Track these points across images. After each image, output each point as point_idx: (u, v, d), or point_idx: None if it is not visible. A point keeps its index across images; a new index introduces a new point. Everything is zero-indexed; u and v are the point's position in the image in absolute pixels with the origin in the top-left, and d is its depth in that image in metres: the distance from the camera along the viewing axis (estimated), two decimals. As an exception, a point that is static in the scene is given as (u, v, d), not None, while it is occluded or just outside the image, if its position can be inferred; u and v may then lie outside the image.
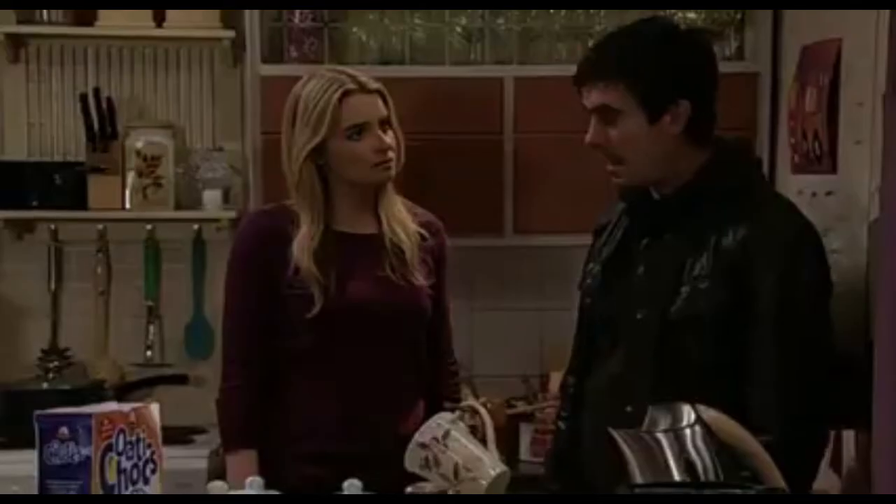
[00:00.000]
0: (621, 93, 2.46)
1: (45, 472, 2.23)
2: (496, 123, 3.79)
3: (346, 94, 2.84)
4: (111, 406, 2.35)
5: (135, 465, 2.31)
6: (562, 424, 2.72)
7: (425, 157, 3.73)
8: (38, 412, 2.28)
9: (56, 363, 3.96)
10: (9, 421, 3.63)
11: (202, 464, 3.60)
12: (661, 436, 2.18)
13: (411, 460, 2.35)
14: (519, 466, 3.70)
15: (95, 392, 3.82)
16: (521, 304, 4.09)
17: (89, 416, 2.25)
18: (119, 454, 2.28)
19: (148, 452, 2.35)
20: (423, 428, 2.36)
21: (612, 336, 2.60)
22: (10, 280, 4.05)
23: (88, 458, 2.23)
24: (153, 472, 2.34)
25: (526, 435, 3.77)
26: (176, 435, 3.79)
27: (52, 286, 4.04)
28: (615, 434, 2.18)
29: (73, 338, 4.03)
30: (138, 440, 2.32)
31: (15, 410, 3.55)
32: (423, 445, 2.35)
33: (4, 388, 3.83)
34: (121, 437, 2.29)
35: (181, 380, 4.00)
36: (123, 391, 3.92)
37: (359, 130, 2.84)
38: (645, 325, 2.51)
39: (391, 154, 2.87)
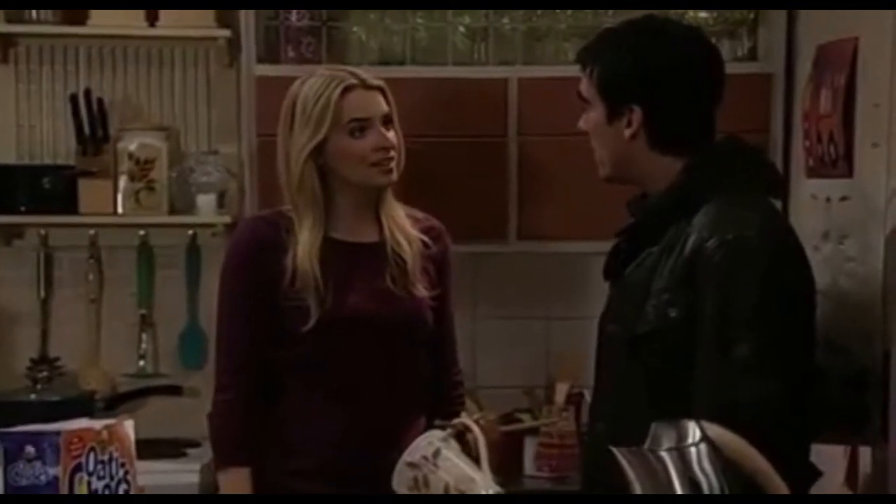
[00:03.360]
0: (589, 84, 2.50)
1: (11, 493, 2.12)
2: (500, 125, 3.69)
3: (347, 89, 2.77)
4: (81, 423, 2.23)
5: (107, 486, 2.21)
6: (586, 438, 2.69)
7: (427, 160, 3.64)
8: (1, 430, 2.17)
9: (45, 373, 3.85)
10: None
11: (194, 478, 3.49)
12: (664, 454, 2.10)
13: (399, 481, 2.23)
14: (523, 482, 3.62)
15: (86, 403, 3.73)
16: (525, 313, 3.99)
17: (57, 433, 2.14)
18: (90, 474, 2.17)
19: (121, 472, 2.24)
20: (412, 446, 2.24)
21: (598, 350, 2.56)
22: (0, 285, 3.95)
23: (56, 478, 2.12)
24: (127, 492, 2.23)
25: (530, 449, 3.68)
26: (168, 448, 3.71)
27: (42, 293, 3.94)
28: (616, 452, 2.10)
29: (63, 347, 3.93)
30: (111, 459, 2.22)
31: (2, 422, 3.44)
32: (412, 465, 2.24)
33: (-10, 398, 3.74)
34: (91, 455, 2.18)
35: (175, 391, 3.89)
36: (115, 402, 3.82)
37: (361, 127, 2.76)
38: (613, 340, 2.46)
39: (393, 153, 2.77)
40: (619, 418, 2.37)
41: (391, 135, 2.78)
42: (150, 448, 3.48)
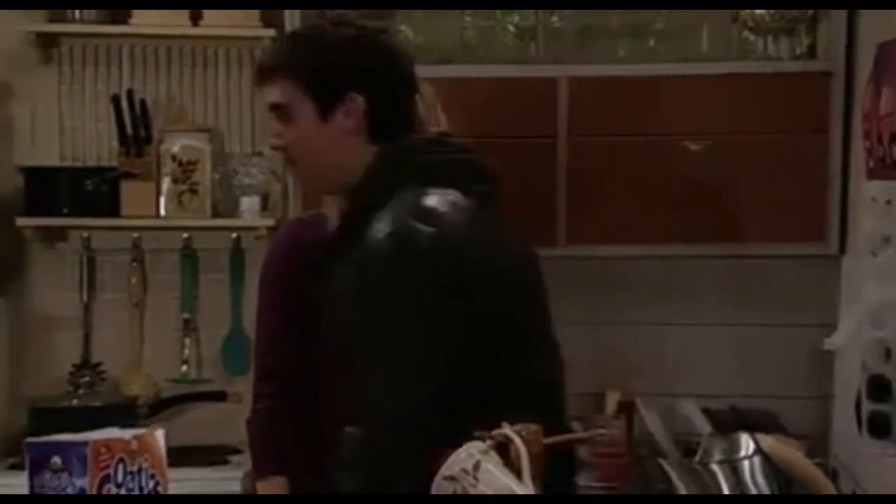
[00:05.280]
0: (292, 89, 2.37)
1: (37, 505, 2.06)
2: (550, 126, 3.61)
3: None
4: (111, 432, 2.16)
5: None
6: None
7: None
8: (27, 439, 2.11)
9: (88, 378, 3.82)
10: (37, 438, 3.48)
11: (236, 486, 3.43)
12: (715, 467, 2.03)
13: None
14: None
15: (129, 409, 3.70)
16: (575, 318, 3.85)
17: (85, 443, 2.07)
18: (118, 486, 2.09)
19: (151, 483, 2.16)
20: (450, 459, 2.14)
21: None
22: (41, 291, 3.92)
23: (83, 490, 2.05)
24: (157, 504, 2.15)
25: (580, 457, 3.57)
26: (211, 455, 3.65)
27: (85, 297, 3.90)
28: (665, 464, 2.03)
29: (105, 351, 3.89)
30: (140, 470, 2.14)
31: (43, 428, 3.38)
32: (450, 478, 2.14)
33: (33, 404, 3.70)
34: (120, 466, 2.10)
35: (218, 396, 3.84)
36: (158, 408, 3.77)
37: None
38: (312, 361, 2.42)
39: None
40: None
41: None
42: (192, 455, 3.46)
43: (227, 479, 3.47)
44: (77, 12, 3.77)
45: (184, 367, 3.91)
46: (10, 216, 3.78)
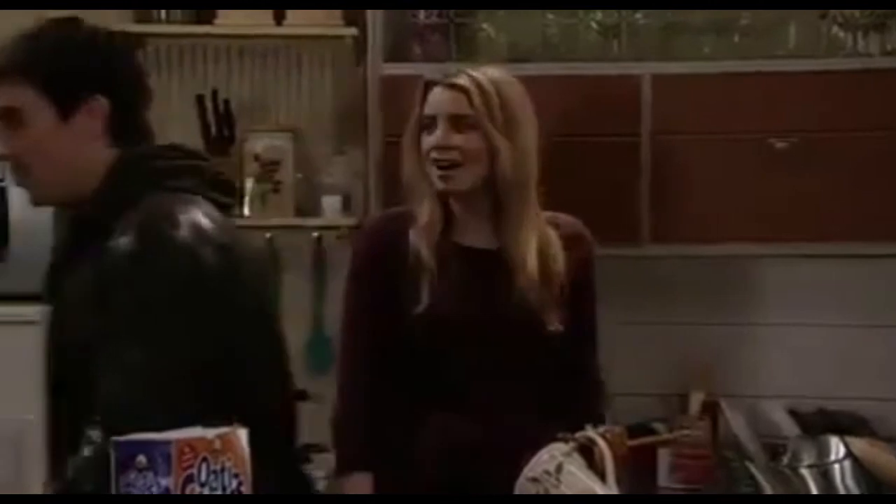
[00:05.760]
0: (28, 91, 2.24)
1: (124, 504, 2.07)
2: (633, 124, 3.59)
3: (428, 85, 2.69)
4: (194, 431, 2.16)
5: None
6: None
7: (556, 161, 3.55)
8: (113, 438, 2.12)
9: (171, 376, 3.83)
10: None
11: (319, 485, 3.43)
12: (804, 471, 2.00)
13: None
14: (656, 494, 3.51)
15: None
16: (658, 318, 3.87)
17: (168, 442, 2.07)
18: (202, 485, 2.10)
19: (234, 483, 2.16)
20: (533, 461, 2.14)
21: None
22: (127, 289, 3.95)
23: (168, 489, 2.05)
24: (240, 504, 2.16)
25: (664, 460, 3.55)
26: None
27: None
28: (751, 468, 2.00)
29: (189, 350, 3.90)
30: (223, 469, 2.14)
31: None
32: (533, 480, 2.14)
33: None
34: (203, 465, 2.11)
35: (300, 396, 3.83)
36: (240, 407, 3.78)
37: (427, 124, 2.64)
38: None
39: (450, 156, 2.62)
40: None
41: (457, 137, 2.63)
42: (274, 454, 3.47)
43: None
44: (163, 13, 3.81)
45: (267, 366, 3.93)
46: (97, 216, 3.82)
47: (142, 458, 2.07)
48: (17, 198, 3.61)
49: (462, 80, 2.64)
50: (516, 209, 2.66)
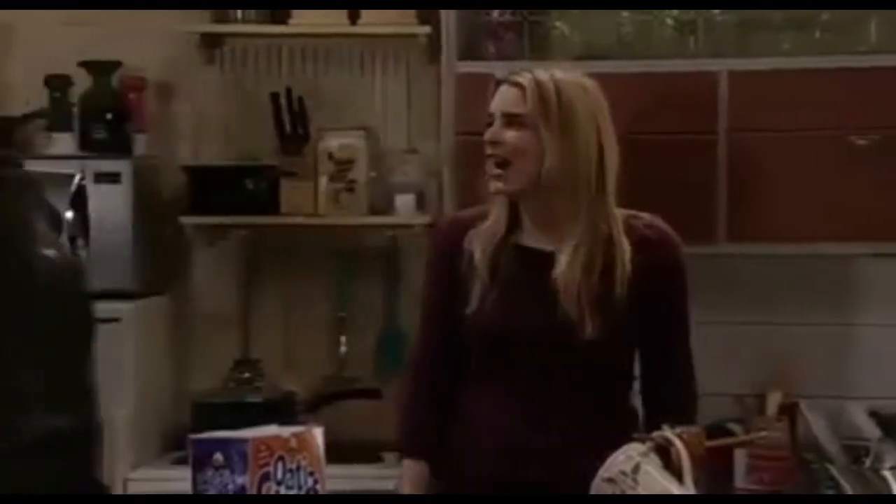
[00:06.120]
0: None
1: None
2: (710, 121, 3.54)
3: (497, 84, 2.65)
4: (270, 430, 2.17)
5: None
6: None
7: (631, 158, 3.52)
8: (192, 435, 2.13)
9: (247, 375, 3.86)
10: (199, 433, 3.54)
11: (390, 484, 3.43)
12: (888, 473, 1.96)
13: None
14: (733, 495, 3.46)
15: (286, 406, 3.75)
16: (735, 318, 3.82)
17: (245, 440, 2.08)
18: (278, 483, 2.10)
19: (310, 481, 2.17)
20: (609, 461, 2.11)
21: None
22: (203, 288, 4.00)
23: (244, 487, 2.06)
24: (315, 502, 2.16)
25: (741, 461, 3.50)
26: (366, 452, 3.67)
27: (244, 294, 3.94)
28: (833, 470, 1.96)
29: (264, 348, 3.94)
30: (299, 468, 2.15)
31: (206, 423, 3.44)
32: (609, 480, 2.11)
33: (195, 399, 3.78)
34: (279, 464, 2.11)
35: (373, 394, 3.85)
36: (315, 405, 3.81)
37: (489, 122, 2.62)
38: None
39: (498, 152, 2.58)
40: None
41: (508, 134, 2.59)
42: (347, 452, 3.48)
43: (383, 478, 3.48)
44: (239, 13, 3.83)
45: (339, 365, 3.94)
46: (174, 215, 3.86)
47: (218, 456, 2.08)
48: (97, 196, 3.65)
49: (522, 79, 2.61)
50: (564, 210, 2.60)
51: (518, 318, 2.60)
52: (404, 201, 3.79)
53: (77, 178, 3.66)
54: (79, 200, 3.67)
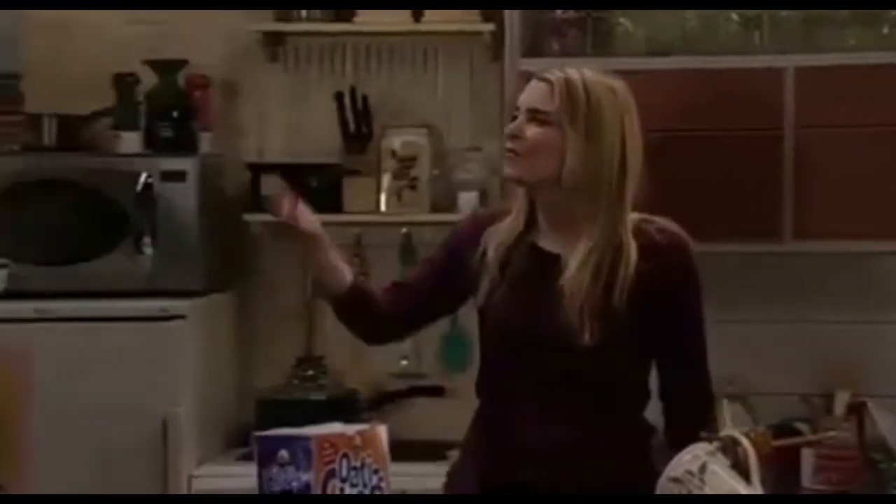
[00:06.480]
0: None
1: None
2: (775, 118, 3.51)
3: (528, 79, 2.62)
4: (334, 427, 2.19)
5: (360, 493, 2.14)
6: None
7: (696, 155, 3.52)
8: (256, 432, 2.15)
9: (311, 372, 3.87)
10: (263, 430, 3.57)
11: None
12: None
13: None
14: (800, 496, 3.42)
15: (350, 403, 3.76)
16: (802, 316, 3.79)
17: (310, 438, 2.10)
18: (343, 481, 2.12)
19: (375, 479, 2.18)
20: (674, 461, 2.11)
21: None
22: (267, 285, 4.01)
23: (308, 484, 2.07)
24: (380, 500, 2.17)
25: (808, 461, 3.46)
26: (430, 450, 3.66)
27: (308, 291, 3.96)
28: None
29: (328, 345, 3.94)
30: (363, 465, 2.16)
31: (270, 420, 3.46)
32: (675, 480, 2.10)
33: (260, 396, 3.80)
34: (344, 461, 2.13)
35: (437, 392, 3.85)
36: (378, 402, 3.81)
37: (514, 116, 2.59)
38: None
39: (515, 145, 2.53)
40: None
41: (530, 129, 2.54)
42: (411, 450, 3.49)
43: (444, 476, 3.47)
44: (303, 11, 3.85)
45: (403, 362, 3.94)
46: (239, 212, 3.88)
47: (283, 453, 2.10)
48: (163, 195, 3.69)
49: (551, 76, 2.58)
50: (581, 213, 2.54)
51: (522, 319, 2.56)
52: (467, 199, 3.79)
53: (143, 177, 3.71)
54: (145, 198, 3.71)
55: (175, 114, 3.86)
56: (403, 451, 2.74)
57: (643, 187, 2.57)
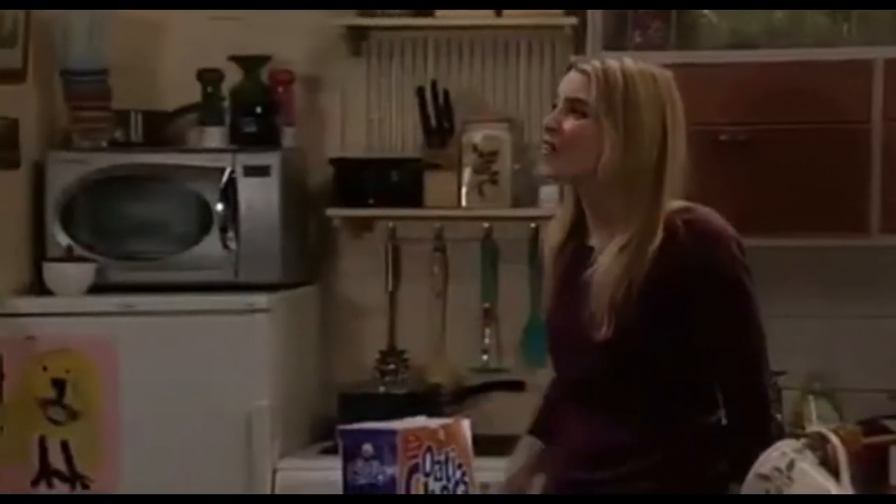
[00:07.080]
0: None
1: (351, 492, 2.09)
2: (863, 111, 3.47)
3: (567, 70, 2.55)
4: (418, 421, 2.18)
5: (444, 487, 2.14)
6: None
7: (782, 149, 3.48)
8: (341, 427, 2.15)
9: (393, 366, 3.88)
10: (346, 424, 3.58)
11: (536, 476, 3.42)
12: None
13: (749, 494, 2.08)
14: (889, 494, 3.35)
15: (431, 397, 3.76)
16: (889, 311, 3.73)
17: (394, 432, 2.10)
18: (426, 475, 2.11)
19: (458, 473, 2.18)
20: (762, 458, 2.09)
21: None
22: (349, 279, 4.03)
23: (393, 478, 2.07)
24: (465, 493, 2.17)
25: (896, 459, 3.41)
26: (511, 445, 3.65)
27: (390, 286, 3.97)
28: None
29: (410, 339, 3.96)
30: (447, 459, 2.16)
31: (353, 414, 3.48)
32: (763, 477, 2.08)
33: (342, 390, 3.81)
34: (428, 455, 2.12)
35: (518, 386, 3.85)
36: (460, 397, 3.81)
37: (554, 105, 2.51)
38: None
39: (552, 138, 2.44)
40: None
41: (568, 121, 2.45)
42: (492, 444, 3.47)
43: (529, 469, 3.46)
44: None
45: (484, 357, 3.94)
46: (322, 206, 3.90)
47: (368, 447, 2.10)
48: (247, 189, 3.71)
49: (589, 66, 2.52)
50: (617, 207, 2.44)
51: (559, 316, 2.52)
52: (548, 193, 3.76)
53: (227, 172, 3.74)
54: (229, 193, 3.74)
55: (259, 109, 3.88)
56: (485, 445, 2.73)
57: (694, 181, 2.44)
